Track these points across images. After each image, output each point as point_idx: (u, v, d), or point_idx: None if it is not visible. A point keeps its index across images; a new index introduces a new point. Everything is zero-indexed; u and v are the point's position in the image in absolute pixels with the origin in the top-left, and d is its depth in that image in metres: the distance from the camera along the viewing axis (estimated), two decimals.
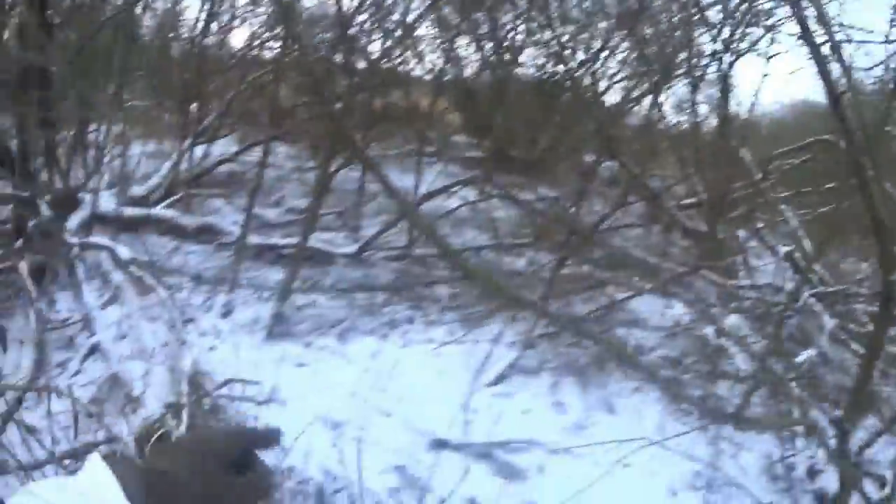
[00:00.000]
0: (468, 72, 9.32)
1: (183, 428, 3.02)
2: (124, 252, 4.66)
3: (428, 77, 8.80)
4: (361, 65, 7.20)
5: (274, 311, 4.97)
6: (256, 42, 8.56)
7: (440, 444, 4.01)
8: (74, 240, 4.93)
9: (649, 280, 5.50)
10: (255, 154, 6.96)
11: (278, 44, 7.40)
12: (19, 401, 3.29)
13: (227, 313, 5.04)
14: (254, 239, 6.17)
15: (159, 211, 6.32)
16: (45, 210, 4.93)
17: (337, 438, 3.90)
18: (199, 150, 7.53)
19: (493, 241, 6.80)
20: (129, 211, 5.92)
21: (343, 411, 4.12)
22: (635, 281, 5.64)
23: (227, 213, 7.04)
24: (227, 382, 3.86)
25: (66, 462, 2.91)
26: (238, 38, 13.59)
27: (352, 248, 6.29)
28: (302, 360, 4.65)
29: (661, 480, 3.73)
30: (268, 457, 0.76)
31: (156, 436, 0.77)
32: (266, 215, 7.21)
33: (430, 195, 6.61)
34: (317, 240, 6.31)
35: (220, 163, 7.81)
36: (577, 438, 3.97)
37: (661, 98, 7.23)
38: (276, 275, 5.68)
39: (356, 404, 4.19)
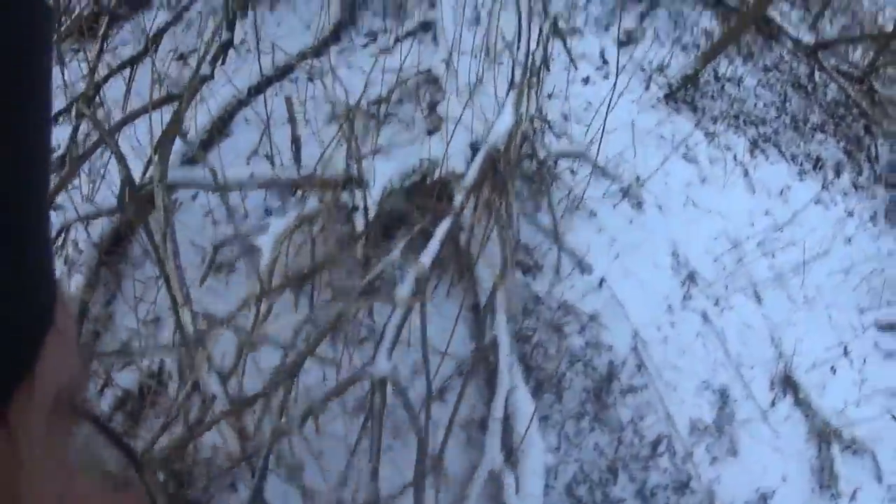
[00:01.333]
0: None
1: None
2: None
3: None
4: None
5: (686, 73, 3.54)
6: None
7: (787, 383, 2.67)
8: None
9: None
10: None
11: None
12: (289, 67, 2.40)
13: (622, 43, 3.68)
14: None
15: None
16: None
17: (686, 290, 2.67)
18: None
19: None
20: None
21: (707, 263, 2.83)
22: None
23: None
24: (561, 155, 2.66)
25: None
26: None
27: (806, 38, 4.44)
28: (691, 151, 3.28)
29: None
30: None
31: None
32: None
33: None
34: (771, 8, 4.53)
35: None
36: None
37: None
38: (705, 21, 4.12)
39: (727, 258, 2.88)
